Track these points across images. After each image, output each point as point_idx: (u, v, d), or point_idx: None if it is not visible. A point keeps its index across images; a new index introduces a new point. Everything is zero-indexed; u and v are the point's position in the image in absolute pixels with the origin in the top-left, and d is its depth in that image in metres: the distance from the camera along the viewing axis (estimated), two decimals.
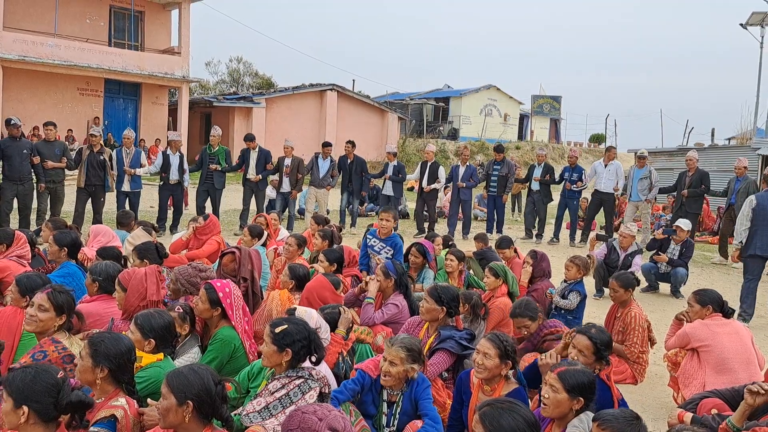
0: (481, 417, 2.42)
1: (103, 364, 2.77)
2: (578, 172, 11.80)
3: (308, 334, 3.17)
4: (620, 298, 5.06)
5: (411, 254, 5.99)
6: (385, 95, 39.66)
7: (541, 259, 5.83)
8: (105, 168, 9.92)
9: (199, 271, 4.53)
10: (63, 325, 3.45)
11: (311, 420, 2.24)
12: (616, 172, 11.48)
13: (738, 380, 3.87)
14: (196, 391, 2.47)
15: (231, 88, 37.15)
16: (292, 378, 3.05)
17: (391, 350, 3.32)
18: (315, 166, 11.73)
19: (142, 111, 23.72)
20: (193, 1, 23.39)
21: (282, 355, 3.07)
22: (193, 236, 6.74)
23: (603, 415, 2.55)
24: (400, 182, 12.12)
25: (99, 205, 10.02)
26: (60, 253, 5.06)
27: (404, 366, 3.31)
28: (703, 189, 10.80)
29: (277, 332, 3.09)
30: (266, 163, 11.31)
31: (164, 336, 3.30)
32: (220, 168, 10.95)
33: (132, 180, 10.18)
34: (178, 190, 10.87)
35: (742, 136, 24.86)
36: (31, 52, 19.86)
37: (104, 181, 9.97)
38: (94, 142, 9.93)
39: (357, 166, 11.98)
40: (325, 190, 11.74)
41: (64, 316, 3.44)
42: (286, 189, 11.51)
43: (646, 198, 11.33)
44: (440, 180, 11.91)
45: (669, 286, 8.38)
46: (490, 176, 12.17)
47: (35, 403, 2.37)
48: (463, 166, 12.07)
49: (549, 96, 38.86)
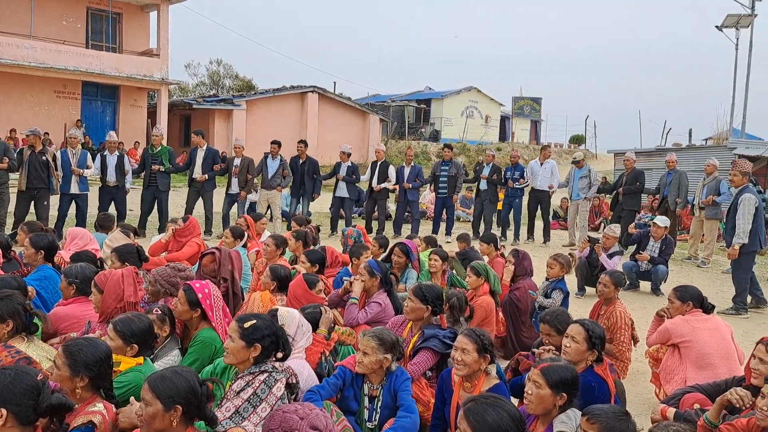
0: (466, 413, 2.41)
1: (83, 373, 2.68)
2: (519, 171, 12.16)
3: (276, 330, 3.14)
4: (608, 295, 5.08)
5: (394, 254, 5.98)
6: (366, 97, 39.63)
7: (523, 258, 5.85)
8: (48, 169, 9.27)
9: (178, 271, 4.43)
10: (12, 331, 3.28)
11: (292, 419, 2.21)
12: (551, 170, 11.94)
13: (718, 375, 3.91)
14: (183, 394, 2.41)
15: (211, 90, 36.92)
16: (255, 374, 2.99)
17: (363, 340, 3.38)
18: (264, 167, 11.31)
19: (121, 114, 23.46)
20: (171, 2, 23.20)
21: (250, 350, 3.02)
22: (172, 238, 6.65)
23: (592, 410, 2.55)
24: (353, 183, 11.88)
25: (42, 210, 9.35)
26: (36, 256, 4.96)
27: (376, 355, 3.34)
28: (638, 186, 11.25)
29: (246, 327, 3.04)
30: (214, 164, 10.90)
31: (145, 339, 3.22)
32: (163, 169, 10.48)
33: (80, 182, 9.67)
34: (118, 193, 10.34)
35: (719, 137, 25.24)
36: (6, 54, 19.56)
37: (48, 183, 9.33)
38: (35, 142, 9.30)
39: (309, 167, 11.63)
40: (275, 191, 11.34)
41: (10, 322, 3.26)
42: (234, 190, 11.08)
43: (586, 196, 11.76)
44: (391, 179, 11.79)
45: (649, 284, 8.47)
46: (439, 177, 12.06)
47: (14, 406, 2.28)
48: (408, 166, 12.00)
49: (529, 98, 39.18)
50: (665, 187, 11.46)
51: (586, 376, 3.31)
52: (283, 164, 11.39)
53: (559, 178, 12.12)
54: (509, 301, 5.57)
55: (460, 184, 12.20)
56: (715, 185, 10.42)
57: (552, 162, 12.09)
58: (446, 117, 35.32)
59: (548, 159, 12.05)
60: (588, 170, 11.76)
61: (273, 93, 26.29)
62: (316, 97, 26.89)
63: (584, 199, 11.77)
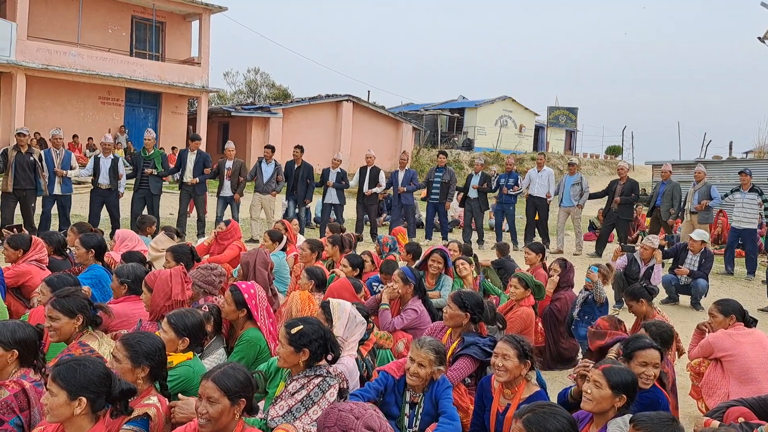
0: (526, 423, 2.44)
1: (144, 363, 2.79)
2: (514, 178, 12.43)
3: (324, 333, 3.19)
4: (637, 311, 5.01)
5: (432, 259, 5.91)
6: (399, 106, 39.80)
7: (569, 270, 5.82)
8: (36, 170, 8.97)
9: (210, 269, 4.60)
10: (83, 324, 3.39)
11: (348, 418, 2.27)
12: (548, 178, 12.23)
13: (762, 389, 3.84)
14: (245, 388, 2.52)
15: (248, 98, 37.51)
16: (310, 377, 3.07)
17: (420, 352, 3.35)
18: (259, 171, 11.34)
19: (162, 120, 24.01)
20: (213, 12, 23.73)
21: (299, 355, 3.09)
22: (214, 241, 6.83)
23: (639, 417, 2.57)
24: (342, 189, 11.85)
25: (29, 212, 9.09)
26: (87, 255, 5.15)
27: (432, 368, 3.35)
28: (633, 197, 11.62)
29: (293, 333, 3.10)
30: (204, 167, 10.87)
31: (197, 334, 3.33)
32: (156, 172, 10.41)
33: (63, 183, 9.41)
34: (110, 196, 10.04)
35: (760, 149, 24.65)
36: (54, 61, 20.22)
37: (36, 184, 9.05)
38: (21, 143, 8.99)
39: (304, 172, 11.59)
40: (270, 196, 11.31)
41: (80, 316, 3.38)
42: (227, 193, 11.03)
43: (578, 203, 11.90)
44: (381, 184, 11.80)
45: (689, 298, 8.32)
46: (432, 183, 12.13)
47: (91, 394, 2.40)
48: (402, 170, 12.01)
49: (565, 108, 38.80)
50: (658, 197, 11.75)
51: (654, 392, 3.32)
52: (278, 169, 11.39)
53: (554, 185, 12.36)
54: (549, 312, 5.54)
55: (453, 190, 12.26)
56: (706, 191, 10.81)
57: (549, 170, 12.41)
58: (479, 126, 35.20)
59: (544, 167, 12.37)
60: (580, 178, 11.98)
61: (309, 101, 26.60)
62: (351, 106, 27.12)
63: (576, 207, 11.92)
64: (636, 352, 3.36)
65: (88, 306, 3.44)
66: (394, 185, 11.94)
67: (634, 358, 3.36)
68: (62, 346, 3.49)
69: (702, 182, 10.97)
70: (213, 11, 23.69)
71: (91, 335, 3.45)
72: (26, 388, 2.80)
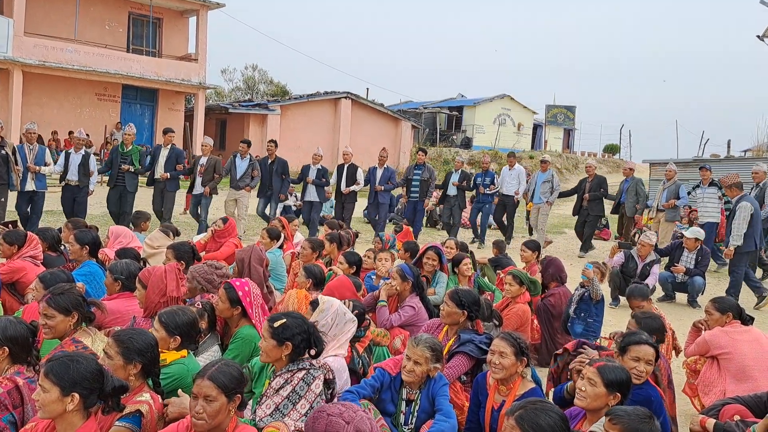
0: (518, 420, 2.44)
1: (136, 360, 2.78)
2: (490, 177, 12.57)
3: (307, 327, 3.18)
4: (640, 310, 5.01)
5: (427, 257, 5.94)
6: (398, 104, 39.78)
7: (548, 265, 5.82)
8: (8, 163, 8.57)
9: (216, 269, 4.56)
10: (78, 322, 3.39)
11: (338, 423, 2.23)
12: (518, 176, 12.46)
13: (759, 387, 3.84)
14: (240, 384, 2.52)
15: (246, 95, 37.46)
16: (293, 372, 3.06)
17: (416, 350, 3.34)
18: (233, 166, 10.95)
19: (159, 117, 23.97)
20: (210, 8, 23.67)
21: (282, 349, 3.08)
22: (211, 239, 6.81)
23: (615, 411, 2.56)
24: (322, 187, 11.64)
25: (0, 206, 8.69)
26: (82, 251, 5.12)
27: (428, 365, 3.35)
28: (602, 192, 11.82)
29: (275, 326, 3.09)
30: (177, 163, 10.47)
31: (189, 332, 3.30)
32: (132, 169, 10.03)
33: (37, 179, 9.07)
34: (79, 193, 9.68)
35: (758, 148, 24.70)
36: (51, 57, 20.19)
37: (8, 179, 8.67)
38: None
39: (278, 167, 11.39)
40: (244, 191, 10.93)
41: (76, 313, 3.36)
42: (198, 191, 10.62)
43: (548, 200, 11.97)
44: (359, 182, 11.56)
45: (685, 296, 8.33)
46: (411, 181, 12.03)
47: (84, 390, 2.39)
48: (381, 168, 11.82)
49: (563, 106, 38.79)
50: (622, 194, 12.05)
51: (648, 389, 3.31)
52: (252, 164, 11.04)
53: (524, 184, 12.44)
54: (543, 307, 5.55)
55: (432, 188, 12.19)
56: (675, 189, 10.98)
57: (519, 168, 12.63)
58: (478, 124, 35.19)
59: (515, 165, 12.54)
60: (551, 175, 12.03)
61: (307, 98, 26.59)
62: (349, 103, 27.10)
63: (546, 203, 11.96)
64: (630, 347, 3.36)
65: (82, 303, 3.43)
66: (371, 183, 11.71)
67: (627, 352, 3.36)
68: (56, 342, 3.46)
69: (672, 181, 11.10)
70: (210, 7, 23.64)
71: (85, 332, 3.44)
72: (19, 385, 2.79)
